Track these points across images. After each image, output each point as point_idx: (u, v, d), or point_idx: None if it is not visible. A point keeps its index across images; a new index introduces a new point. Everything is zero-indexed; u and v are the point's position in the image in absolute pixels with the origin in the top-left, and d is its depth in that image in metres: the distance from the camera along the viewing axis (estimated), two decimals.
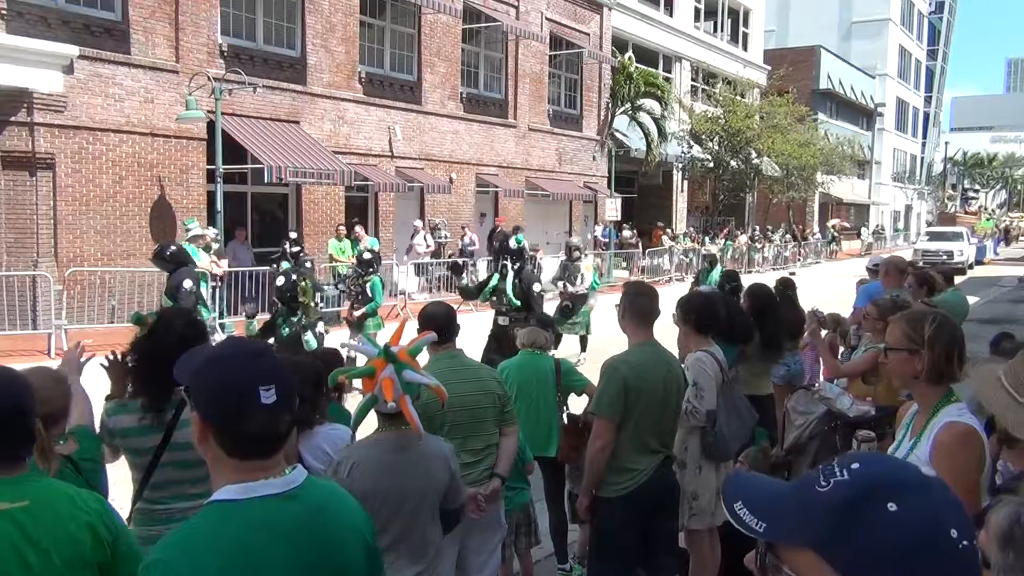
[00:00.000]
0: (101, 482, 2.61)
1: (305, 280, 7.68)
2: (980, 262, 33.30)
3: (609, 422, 3.64)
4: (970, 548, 0.93)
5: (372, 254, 9.49)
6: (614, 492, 3.69)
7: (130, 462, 2.85)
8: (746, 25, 36.99)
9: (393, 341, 2.78)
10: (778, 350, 5.54)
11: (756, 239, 29.94)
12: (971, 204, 58.50)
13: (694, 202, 32.89)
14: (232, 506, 1.54)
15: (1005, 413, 2.09)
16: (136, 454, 2.80)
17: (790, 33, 49.50)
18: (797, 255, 32.87)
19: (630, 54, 26.65)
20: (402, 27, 18.67)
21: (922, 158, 64.93)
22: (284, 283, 7.62)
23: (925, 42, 63.19)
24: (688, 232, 28.19)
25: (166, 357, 2.04)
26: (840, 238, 39.72)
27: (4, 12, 11.72)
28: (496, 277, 8.11)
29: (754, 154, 30.18)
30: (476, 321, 10.41)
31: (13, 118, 11.76)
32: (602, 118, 25.47)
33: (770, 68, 36.61)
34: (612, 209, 23.52)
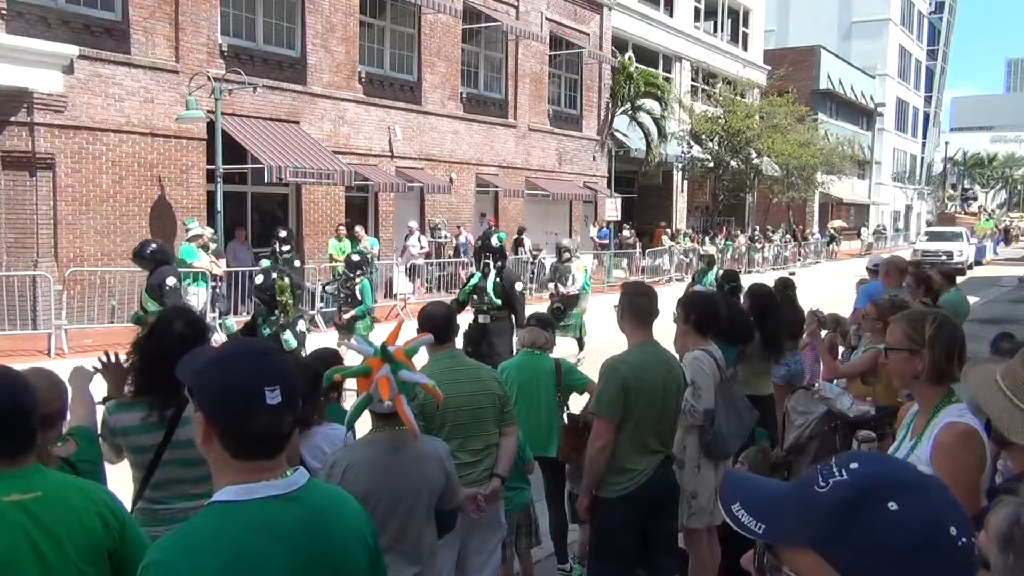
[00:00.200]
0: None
1: (283, 278, 7.46)
2: (979, 262, 33.28)
3: (609, 422, 3.64)
4: (969, 546, 0.93)
5: (361, 256, 9.35)
6: (614, 492, 3.69)
7: (131, 461, 2.85)
8: (746, 25, 36.98)
9: (389, 341, 2.78)
10: (778, 350, 5.54)
11: (756, 239, 29.94)
12: (971, 204, 58.42)
13: (694, 202, 32.88)
14: (232, 507, 1.54)
15: (1001, 416, 2.05)
16: (138, 452, 2.81)
17: (790, 33, 49.49)
18: (797, 255, 32.87)
19: (630, 54, 26.64)
20: (402, 27, 18.66)
21: (922, 158, 64.92)
22: (263, 281, 7.45)
23: (925, 42, 63.19)
24: (688, 232, 28.18)
25: (167, 356, 2.05)
26: (839, 238, 39.72)
27: (4, 12, 11.72)
28: (477, 276, 7.97)
29: (754, 154, 30.17)
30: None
31: (13, 118, 11.75)
32: (602, 118, 25.46)
33: (770, 68, 36.60)
34: (612, 209, 23.50)
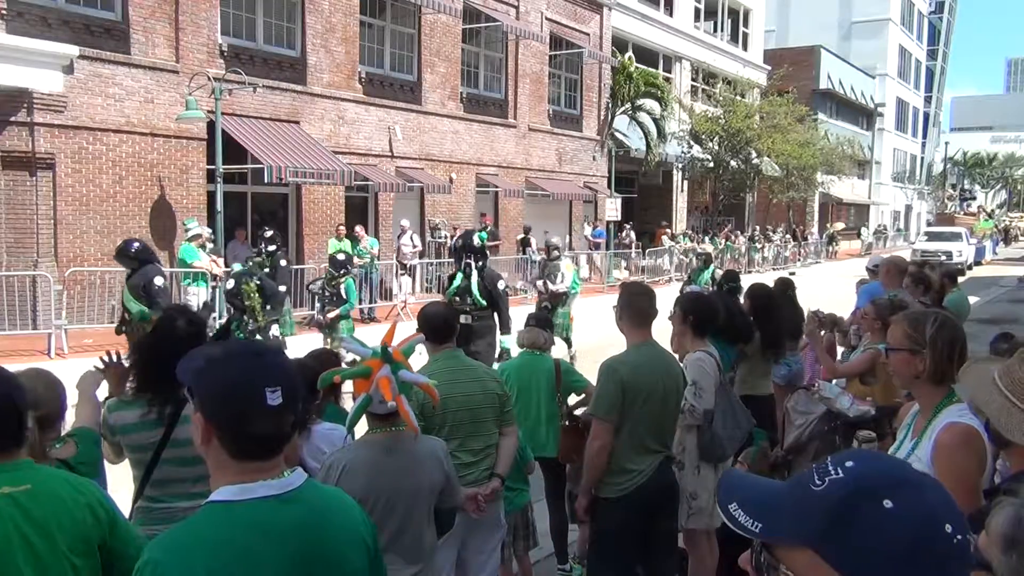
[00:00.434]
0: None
1: (249, 282, 7.32)
2: (979, 262, 33.26)
3: (607, 423, 3.63)
4: (964, 543, 0.94)
5: (346, 255, 9.24)
6: (613, 492, 3.69)
7: (131, 459, 2.86)
8: (746, 25, 36.98)
9: (385, 341, 2.79)
10: (778, 350, 5.54)
11: (756, 239, 29.94)
12: (970, 204, 58.39)
13: (694, 202, 32.88)
14: (229, 507, 1.54)
15: (999, 416, 2.05)
16: (137, 450, 2.81)
17: (790, 33, 49.48)
18: (797, 255, 32.87)
19: (630, 54, 26.64)
20: (402, 27, 18.66)
21: (922, 158, 64.92)
22: (233, 286, 7.32)
23: (925, 42, 63.20)
24: (688, 232, 28.19)
25: (167, 354, 2.06)
26: (838, 238, 39.72)
27: (4, 12, 11.72)
28: (460, 276, 7.87)
29: (754, 154, 30.17)
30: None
31: (13, 118, 11.75)
32: (602, 118, 25.46)
33: (770, 68, 36.59)
34: (612, 209, 23.50)
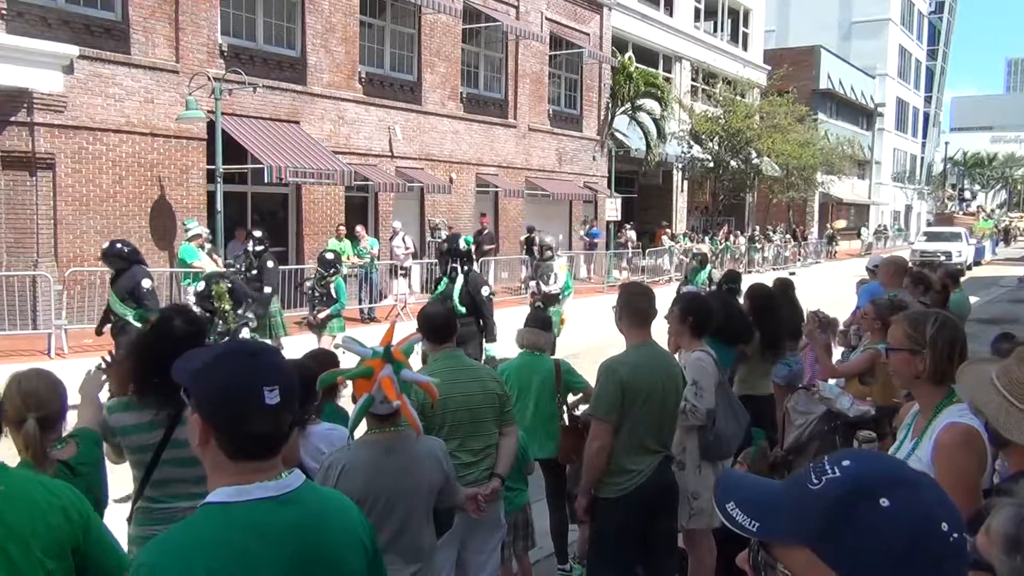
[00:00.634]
0: (100, 487, 2.60)
1: (220, 284, 7.21)
2: (978, 263, 33.23)
3: (607, 423, 3.64)
4: (960, 541, 0.94)
5: (335, 254, 9.15)
6: (613, 493, 3.69)
7: (131, 460, 2.85)
8: (746, 25, 36.98)
9: (384, 341, 2.79)
10: (778, 350, 5.54)
11: (756, 239, 29.94)
12: (969, 204, 58.39)
13: (694, 202, 32.88)
14: (225, 508, 1.53)
15: (998, 416, 2.05)
16: (137, 451, 2.81)
17: (790, 33, 49.49)
18: (797, 255, 32.87)
19: (630, 54, 26.64)
20: (402, 27, 18.65)
21: (922, 158, 64.94)
22: (204, 288, 7.22)
23: (925, 42, 63.21)
24: (687, 233, 28.19)
25: (167, 355, 2.05)
26: (838, 238, 39.71)
27: (4, 12, 11.71)
28: (444, 282, 7.68)
29: (754, 154, 30.17)
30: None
31: (13, 118, 11.75)
32: (602, 118, 25.46)
33: (770, 68, 36.60)
34: (612, 209, 23.50)
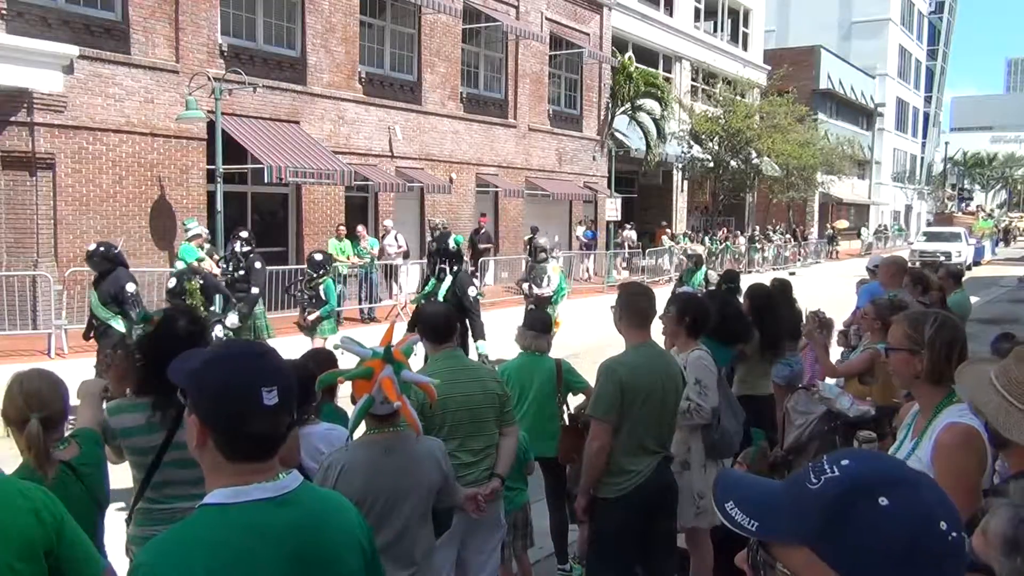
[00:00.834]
0: (102, 487, 2.60)
1: (192, 281, 7.18)
2: (978, 263, 33.21)
3: (606, 423, 3.63)
4: (959, 541, 0.95)
5: (324, 255, 9.11)
6: (612, 493, 3.69)
7: (132, 462, 2.85)
8: (746, 25, 36.98)
9: (383, 342, 2.79)
10: (777, 350, 5.54)
11: (756, 239, 29.94)
12: (968, 204, 58.40)
13: (694, 202, 32.88)
14: (223, 510, 1.53)
15: (997, 415, 2.05)
16: (138, 453, 2.80)
17: (790, 33, 49.50)
18: (797, 255, 32.87)
19: (630, 54, 26.64)
20: (402, 27, 18.65)
21: (922, 158, 64.94)
22: (175, 285, 7.22)
23: (925, 42, 63.21)
24: (687, 233, 28.20)
25: (168, 356, 2.04)
26: (838, 238, 39.70)
27: (4, 12, 11.71)
28: (432, 282, 7.66)
29: (754, 154, 30.17)
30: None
31: (13, 118, 11.75)
32: (602, 118, 25.46)
33: (770, 68, 36.60)
34: (612, 209, 23.50)
